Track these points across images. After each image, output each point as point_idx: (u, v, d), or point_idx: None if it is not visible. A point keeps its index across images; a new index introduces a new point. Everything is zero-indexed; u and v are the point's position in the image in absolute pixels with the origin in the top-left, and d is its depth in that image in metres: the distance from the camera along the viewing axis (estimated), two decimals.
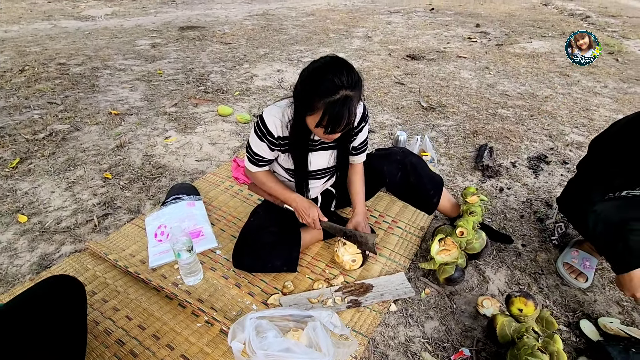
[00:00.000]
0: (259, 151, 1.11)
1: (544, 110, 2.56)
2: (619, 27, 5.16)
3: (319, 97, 0.89)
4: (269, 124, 1.04)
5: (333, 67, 0.91)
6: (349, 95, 0.89)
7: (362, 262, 1.23)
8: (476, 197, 1.33)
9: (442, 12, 6.26)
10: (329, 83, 0.88)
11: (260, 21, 5.64)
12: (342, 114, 0.90)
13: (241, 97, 2.77)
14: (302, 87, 0.95)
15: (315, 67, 0.93)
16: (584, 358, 0.98)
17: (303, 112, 0.96)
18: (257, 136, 1.08)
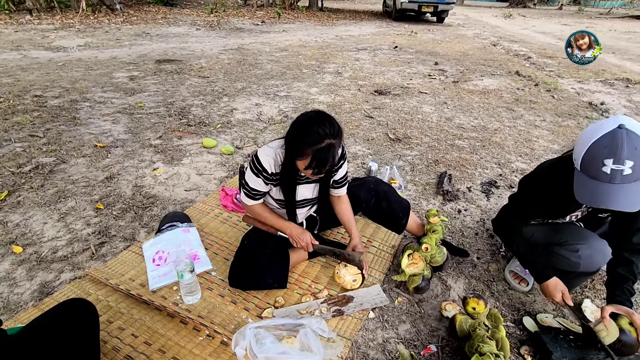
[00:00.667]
0: (255, 186, 1.29)
1: (494, 141, 2.93)
2: (555, 67, 5.92)
3: (308, 146, 1.09)
4: (264, 163, 1.23)
5: (318, 120, 1.12)
6: (332, 143, 1.11)
7: (361, 281, 1.41)
8: (437, 218, 1.58)
9: (405, 50, 6.87)
10: (315, 134, 1.09)
11: (235, 55, 5.93)
12: (327, 158, 1.11)
13: (223, 129, 2.95)
14: (292, 137, 1.15)
15: (303, 120, 1.14)
16: (526, 347, 1.20)
17: (293, 157, 1.16)
18: (253, 173, 1.26)
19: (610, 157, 0.93)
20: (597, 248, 1.20)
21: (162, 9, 12.77)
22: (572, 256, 1.20)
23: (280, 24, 10.41)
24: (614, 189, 0.94)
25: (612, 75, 5.45)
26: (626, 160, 0.91)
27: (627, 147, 0.91)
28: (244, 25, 9.84)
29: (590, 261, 1.19)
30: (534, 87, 4.64)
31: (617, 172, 0.93)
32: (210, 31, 8.60)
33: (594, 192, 0.98)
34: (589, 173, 0.99)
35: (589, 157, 0.98)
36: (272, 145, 1.27)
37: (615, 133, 0.93)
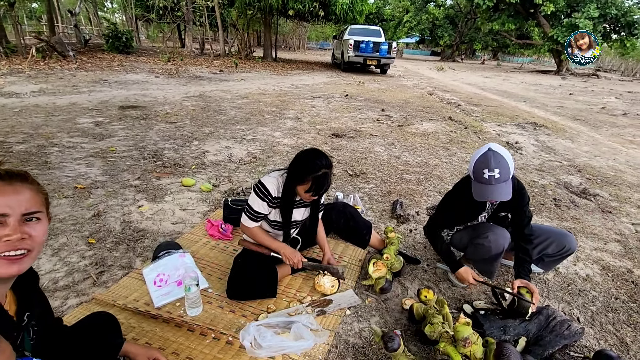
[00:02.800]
0: (259, 209, 1.59)
1: (434, 174, 3.50)
2: (479, 113, 7.00)
3: (308, 174, 1.45)
4: (269, 188, 1.55)
5: (316, 154, 1.50)
6: (327, 172, 1.48)
7: (338, 286, 1.71)
8: (394, 233, 1.97)
9: (355, 98, 7.69)
10: (315, 165, 1.45)
11: (199, 102, 6.25)
12: (324, 184, 1.48)
13: (198, 170, 3.20)
14: (296, 167, 1.50)
15: (304, 154, 1.51)
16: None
17: (295, 183, 1.50)
18: (259, 197, 1.57)
19: (486, 168, 1.46)
20: (499, 233, 1.67)
21: (117, 56, 12.91)
22: (485, 242, 1.65)
23: (237, 73, 11.03)
24: (493, 187, 1.47)
25: (524, 119, 6.58)
26: (495, 169, 1.45)
27: (494, 161, 1.45)
28: (203, 73, 10.30)
29: (496, 243, 1.65)
30: (464, 129, 5.50)
31: (492, 176, 1.45)
32: (170, 79, 8.90)
33: (482, 191, 1.50)
34: (477, 180, 1.51)
35: (475, 170, 1.50)
36: (273, 175, 1.60)
37: (487, 153, 1.48)
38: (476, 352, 1.20)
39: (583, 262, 2.17)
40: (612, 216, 2.85)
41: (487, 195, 1.50)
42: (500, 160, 1.47)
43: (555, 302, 1.81)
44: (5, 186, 0.74)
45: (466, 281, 1.71)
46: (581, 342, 1.53)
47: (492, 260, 1.73)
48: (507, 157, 1.50)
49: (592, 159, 4.45)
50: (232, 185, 2.94)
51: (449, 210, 1.80)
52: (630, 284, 1.99)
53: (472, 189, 1.56)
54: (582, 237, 2.49)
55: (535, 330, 1.48)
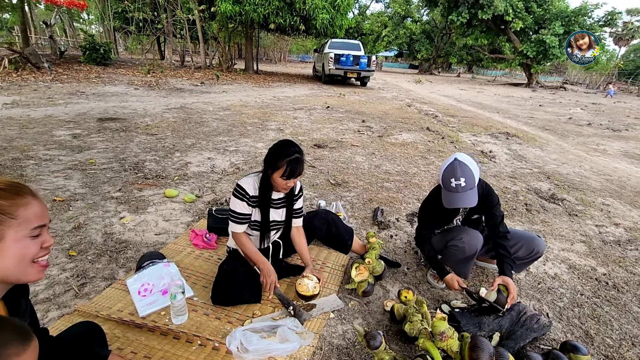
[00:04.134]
0: (241, 210, 1.64)
1: (413, 182, 3.62)
2: (456, 124, 7.28)
3: (282, 158, 1.55)
4: (246, 187, 1.62)
5: (287, 142, 1.61)
6: (299, 156, 1.59)
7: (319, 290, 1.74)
8: (375, 238, 2.04)
9: (336, 110, 7.84)
10: (287, 149, 1.57)
11: (180, 114, 6.23)
12: (297, 166, 1.58)
13: (181, 181, 3.20)
14: (270, 156, 1.60)
15: (276, 144, 1.62)
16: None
17: (271, 172, 1.59)
18: (238, 199, 1.63)
19: (452, 177, 1.57)
20: (473, 235, 1.78)
21: (94, 68, 12.71)
22: (459, 243, 1.75)
23: (219, 85, 11.05)
24: (460, 195, 1.58)
25: (497, 130, 6.89)
26: (461, 178, 1.56)
27: (460, 170, 1.57)
28: (184, 85, 10.27)
29: (470, 245, 1.74)
30: (441, 139, 5.71)
31: (459, 185, 1.56)
32: (150, 91, 8.83)
33: (450, 199, 1.61)
34: (446, 188, 1.63)
35: (444, 179, 1.62)
36: (249, 176, 1.68)
37: (453, 163, 1.60)
38: (452, 346, 1.27)
39: (552, 262, 2.31)
40: (578, 219, 3.04)
41: (455, 203, 1.61)
42: (465, 169, 1.59)
43: (527, 299, 1.92)
44: (38, 199, 0.82)
45: (452, 287, 1.77)
46: (550, 335, 1.63)
47: (466, 261, 1.82)
48: (472, 166, 1.62)
49: (560, 166, 4.71)
50: (216, 195, 2.95)
51: (428, 216, 1.90)
52: (594, 281, 2.13)
53: (442, 196, 1.68)
54: (550, 239, 2.64)
55: (508, 326, 1.57)
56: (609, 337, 1.67)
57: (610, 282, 2.13)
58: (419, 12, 35.40)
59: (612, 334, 1.69)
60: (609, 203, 3.47)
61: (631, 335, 1.69)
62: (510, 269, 1.70)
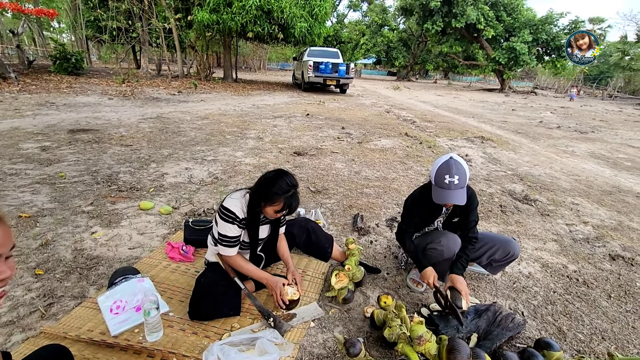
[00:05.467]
0: (232, 233, 1.59)
1: (393, 188, 3.67)
2: (433, 129, 7.45)
3: (279, 195, 1.50)
4: (235, 210, 1.57)
5: (283, 175, 1.56)
6: (296, 191, 1.55)
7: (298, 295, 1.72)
8: (354, 245, 2.05)
9: (316, 117, 7.88)
10: (285, 185, 1.52)
11: (156, 124, 6.10)
12: (295, 203, 1.55)
13: (157, 192, 3.12)
14: (264, 188, 1.53)
15: (271, 176, 1.55)
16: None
17: (264, 203, 1.54)
18: (227, 222, 1.57)
19: (447, 174, 1.61)
20: (451, 238, 1.81)
21: (65, 77, 12.31)
22: (438, 246, 1.78)
23: (197, 94, 10.91)
24: (451, 192, 1.61)
25: (472, 134, 7.10)
26: (455, 175, 1.60)
27: (455, 168, 1.61)
28: (160, 95, 10.08)
29: (448, 247, 1.78)
30: (419, 144, 5.82)
31: (452, 182, 1.60)
32: (125, 101, 8.62)
33: (442, 195, 1.64)
34: (438, 185, 1.65)
35: (437, 175, 1.65)
36: (235, 197, 1.62)
37: (449, 161, 1.64)
38: (430, 349, 1.28)
39: (526, 262, 2.38)
40: (550, 219, 3.15)
41: (446, 199, 1.64)
42: (459, 168, 1.64)
43: (503, 299, 1.96)
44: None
45: (428, 281, 1.79)
46: (525, 333, 1.67)
47: (444, 264, 1.85)
48: (465, 166, 1.68)
49: (532, 168, 4.89)
50: (193, 206, 2.90)
51: (412, 214, 1.92)
52: (565, 278, 2.20)
53: (432, 193, 1.71)
54: (524, 239, 2.72)
55: (485, 326, 1.60)
56: (580, 332, 1.73)
57: (581, 278, 2.21)
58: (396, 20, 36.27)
59: (583, 329, 1.75)
60: (578, 202, 3.62)
61: (601, 330, 1.75)
62: (461, 270, 1.75)
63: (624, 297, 2.05)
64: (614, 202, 3.71)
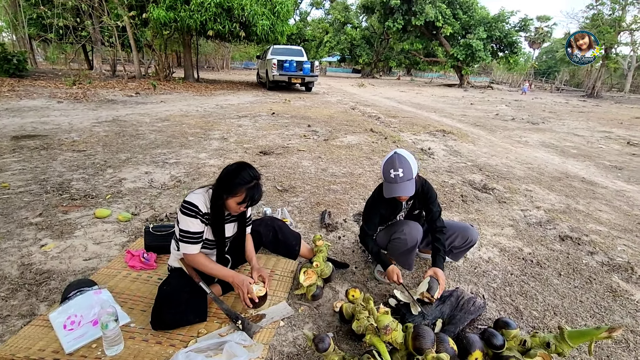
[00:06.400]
0: (195, 229, 1.53)
1: (359, 183, 3.72)
2: (397, 125, 7.63)
3: (241, 186, 1.48)
4: (198, 204, 1.52)
5: (244, 166, 1.53)
6: (258, 182, 1.52)
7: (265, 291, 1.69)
8: (322, 241, 2.05)
9: (281, 116, 7.82)
10: (247, 176, 1.49)
11: (112, 127, 5.79)
12: (257, 194, 1.52)
13: (114, 199, 2.96)
14: (226, 180, 1.50)
15: (233, 168, 1.53)
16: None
17: (226, 196, 1.50)
18: (189, 217, 1.52)
19: (392, 168, 1.67)
20: (413, 227, 1.88)
21: (7, 80, 11.35)
22: (401, 235, 1.84)
23: (156, 95, 10.47)
24: (398, 185, 1.67)
25: (435, 128, 7.34)
26: (399, 168, 1.66)
27: (398, 162, 1.67)
28: (116, 96, 9.57)
29: (411, 236, 1.84)
30: (384, 140, 5.94)
31: (397, 175, 1.65)
32: (76, 104, 8.11)
33: (390, 189, 1.70)
34: (386, 180, 1.72)
35: (384, 171, 1.72)
36: (197, 192, 1.57)
37: (393, 156, 1.70)
38: (397, 338, 1.31)
39: (485, 247, 2.50)
40: (507, 205, 3.33)
41: (394, 192, 1.69)
42: (403, 161, 1.69)
43: (465, 284, 2.05)
44: None
45: (391, 279, 1.84)
46: (485, 314, 1.76)
47: (408, 252, 1.91)
48: (410, 159, 1.72)
49: (490, 159, 5.15)
50: (155, 211, 2.78)
51: (372, 214, 1.95)
52: (521, 261, 2.34)
53: (383, 188, 1.78)
54: (484, 226, 2.86)
55: (449, 312, 1.66)
56: (534, 309, 1.84)
57: (534, 259, 2.36)
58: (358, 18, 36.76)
59: (537, 306, 1.87)
60: (531, 189, 3.85)
61: (553, 306, 1.88)
62: (442, 261, 1.82)
63: (572, 274, 2.22)
64: (562, 187, 3.99)
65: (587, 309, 1.87)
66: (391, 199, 1.81)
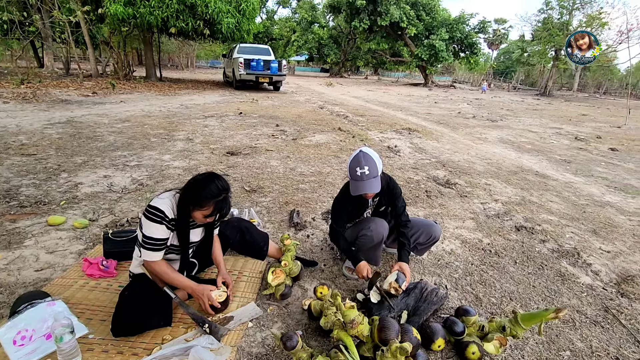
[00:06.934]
0: (159, 235, 1.47)
1: (328, 181, 3.75)
2: (365, 123, 7.76)
3: (209, 199, 1.42)
4: (164, 209, 1.46)
5: (213, 178, 1.48)
6: (227, 195, 1.48)
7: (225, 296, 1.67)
8: (289, 240, 2.05)
9: (249, 116, 7.71)
10: (215, 189, 1.44)
11: (66, 129, 5.46)
12: (225, 207, 1.48)
13: (70, 205, 2.79)
14: (194, 192, 1.44)
15: (201, 179, 1.47)
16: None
17: (192, 208, 1.45)
18: (154, 222, 1.45)
19: (358, 166, 1.70)
20: (379, 223, 1.93)
21: None
22: (368, 232, 1.89)
23: (115, 95, 9.98)
24: (364, 183, 1.71)
25: (401, 126, 7.54)
26: (365, 166, 1.69)
27: (364, 160, 1.71)
28: (71, 97, 9.02)
29: (377, 232, 1.90)
30: (352, 138, 6.02)
31: (363, 173, 1.69)
32: (25, 104, 7.55)
33: (357, 187, 1.73)
34: (353, 178, 1.75)
35: (350, 169, 1.75)
36: (164, 196, 1.51)
37: (358, 154, 1.74)
38: (363, 331, 1.34)
39: (448, 240, 2.61)
40: (468, 199, 3.49)
41: (361, 190, 1.73)
42: (369, 159, 1.73)
43: (429, 276, 2.13)
44: None
45: (361, 275, 1.87)
46: (448, 304, 1.84)
47: (375, 248, 1.95)
48: (375, 157, 1.76)
49: (453, 155, 5.37)
50: (115, 217, 2.65)
51: (340, 212, 1.98)
52: (481, 251, 2.47)
53: (350, 186, 1.80)
54: (447, 219, 2.98)
55: (413, 303, 1.72)
56: (493, 296, 1.95)
57: (493, 249, 2.49)
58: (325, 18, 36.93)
59: (495, 293, 1.98)
60: (490, 183, 4.06)
61: (509, 292, 2.00)
62: (407, 255, 1.89)
63: (527, 261, 2.37)
64: (518, 180, 4.24)
65: (539, 293, 2.01)
66: (358, 197, 1.84)
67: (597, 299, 2.00)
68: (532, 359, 1.53)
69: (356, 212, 2.00)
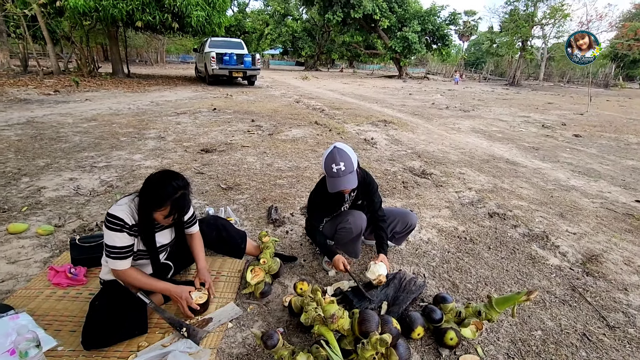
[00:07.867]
0: (121, 243, 1.41)
1: (305, 176, 3.73)
2: (341, 117, 7.76)
3: (166, 199, 1.36)
4: (122, 216, 1.39)
5: (169, 176, 1.42)
6: (185, 192, 1.42)
7: (207, 298, 1.63)
8: (268, 237, 2.02)
9: (224, 112, 7.54)
10: (170, 187, 1.38)
11: (27, 130, 5.15)
12: (184, 205, 1.42)
13: (32, 211, 2.64)
14: (149, 193, 1.38)
15: (156, 178, 1.41)
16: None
17: (151, 210, 1.39)
18: (115, 231, 1.39)
19: (333, 162, 1.68)
20: (357, 216, 1.94)
21: None
22: (347, 225, 1.90)
23: (80, 92, 9.50)
24: (342, 179, 1.69)
25: (377, 118, 7.59)
26: (340, 162, 1.68)
27: (339, 156, 1.69)
28: (30, 95, 8.51)
29: (355, 224, 1.91)
30: (328, 132, 6.01)
31: (339, 169, 1.67)
32: None
33: (334, 183, 1.72)
34: (328, 174, 1.73)
35: (326, 166, 1.73)
36: (122, 202, 1.44)
37: (333, 151, 1.72)
38: (344, 325, 1.34)
39: (425, 229, 2.66)
40: (443, 188, 3.57)
41: (338, 186, 1.71)
42: (344, 155, 1.71)
43: (408, 266, 2.16)
44: None
45: (338, 268, 1.89)
46: (426, 292, 1.88)
47: (354, 241, 1.96)
48: (350, 152, 1.75)
49: (428, 145, 5.46)
50: (83, 221, 2.53)
51: (317, 206, 1.97)
52: (456, 239, 2.53)
53: (327, 183, 1.78)
54: (424, 209, 3.04)
55: (393, 293, 1.74)
56: (468, 282, 2.01)
57: (468, 237, 2.56)
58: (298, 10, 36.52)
59: (471, 279, 2.04)
60: (464, 172, 4.17)
61: (484, 277, 2.06)
62: (385, 247, 1.92)
63: (500, 246, 2.45)
64: (490, 168, 4.38)
65: (512, 277, 2.09)
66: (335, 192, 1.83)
67: (564, 279, 2.10)
68: (507, 340, 1.59)
69: (333, 206, 2.00)
